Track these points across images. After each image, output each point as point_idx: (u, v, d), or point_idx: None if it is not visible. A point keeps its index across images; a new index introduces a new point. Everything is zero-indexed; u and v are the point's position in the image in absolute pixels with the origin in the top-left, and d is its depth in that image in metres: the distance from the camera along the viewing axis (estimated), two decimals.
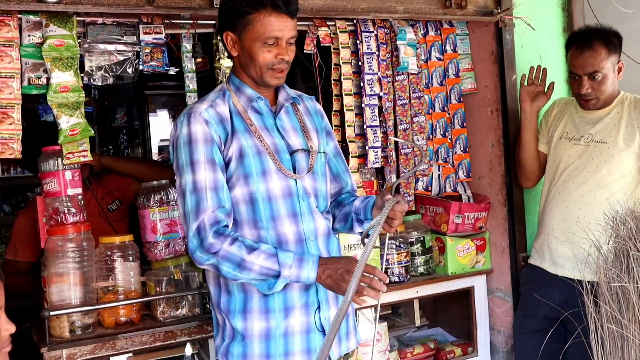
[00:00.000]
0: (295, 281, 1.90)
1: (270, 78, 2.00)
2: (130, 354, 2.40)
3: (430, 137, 3.10)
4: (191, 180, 1.92)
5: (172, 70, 2.98)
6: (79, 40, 2.40)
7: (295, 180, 2.02)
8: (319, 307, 2.02)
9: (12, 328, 1.65)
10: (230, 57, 2.10)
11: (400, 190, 3.03)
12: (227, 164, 1.97)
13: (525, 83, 2.91)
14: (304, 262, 1.88)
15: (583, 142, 2.79)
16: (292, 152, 2.05)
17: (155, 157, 5.24)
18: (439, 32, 3.08)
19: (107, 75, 2.55)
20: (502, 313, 3.15)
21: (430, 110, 3.10)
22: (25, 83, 2.33)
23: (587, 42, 2.71)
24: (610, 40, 2.70)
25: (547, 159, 2.94)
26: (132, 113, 5.81)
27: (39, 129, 4.06)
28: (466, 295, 3.18)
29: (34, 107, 5.62)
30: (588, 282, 2.41)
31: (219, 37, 2.66)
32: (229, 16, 1.98)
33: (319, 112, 2.23)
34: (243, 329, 1.98)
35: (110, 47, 2.48)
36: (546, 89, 2.91)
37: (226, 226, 1.92)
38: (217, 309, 2.05)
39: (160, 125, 5.28)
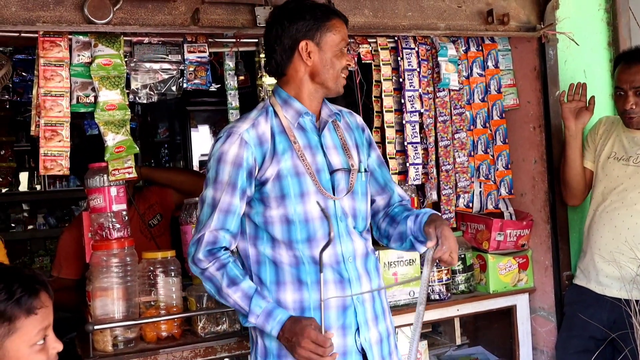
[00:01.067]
0: (261, 330, 1.94)
1: (342, 83, 2.07)
2: None
3: (472, 153, 3.07)
4: (210, 196, 1.98)
5: (214, 87, 3.03)
6: (126, 60, 2.46)
7: (334, 200, 2.01)
8: (358, 329, 2.00)
9: (59, 346, 1.69)
10: (282, 72, 2.06)
11: (441, 207, 3.01)
12: (263, 184, 1.98)
13: (566, 100, 2.86)
14: (270, 318, 1.91)
15: (632, 162, 2.75)
16: (332, 172, 2.04)
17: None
18: (480, 48, 3.06)
19: (152, 93, 2.60)
20: (546, 333, 3.09)
21: (472, 127, 3.07)
22: (74, 101, 2.39)
23: (636, 57, 2.69)
24: None
25: (592, 177, 2.89)
26: (174, 128, 5.91)
27: (86, 143, 4.15)
28: (508, 313, 3.13)
29: (80, 122, 5.76)
30: (637, 302, 2.35)
31: (262, 56, 2.71)
32: (307, 26, 2.01)
33: (360, 126, 2.23)
34: (278, 349, 1.97)
35: (156, 66, 2.53)
36: (587, 104, 2.86)
37: (224, 248, 1.97)
38: (251, 326, 2.04)
39: (201, 140, 5.35)
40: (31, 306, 1.61)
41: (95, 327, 2.36)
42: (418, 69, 2.90)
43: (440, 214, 2.11)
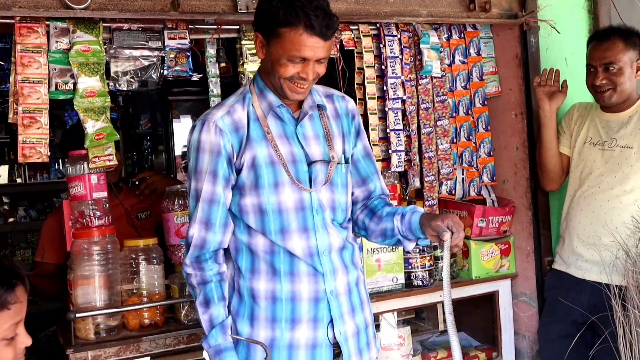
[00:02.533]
0: (208, 354, 1.96)
1: (289, 91, 1.92)
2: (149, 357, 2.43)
3: (454, 140, 3.08)
4: (193, 187, 1.97)
5: (196, 76, 3.00)
6: (105, 46, 2.43)
7: (310, 193, 1.97)
8: (331, 322, 1.99)
9: (28, 341, 1.66)
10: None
11: (424, 194, 3.02)
12: (239, 171, 1.95)
13: (539, 85, 2.90)
14: (217, 356, 1.92)
15: (608, 147, 2.78)
16: (310, 163, 1.99)
17: (178, 163, 5.27)
18: (462, 35, 3.07)
19: (132, 80, 2.58)
20: (527, 318, 3.12)
21: (454, 114, 3.08)
22: (53, 88, 2.36)
23: (606, 35, 2.75)
24: (630, 36, 2.73)
25: (569, 162, 2.92)
26: (156, 119, 5.86)
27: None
28: (490, 299, 3.15)
29: (61, 114, 5.71)
30: (616, 286, 2.38)
31: (243, 42, 2.69)
32: (262, 19, 1.90)
33: (350, 113, 2.13)
34: (249, 335, 1.97)
35: (136, 53, 2.50)
36: (560, 88, 2.90)
37: (213, 254, 1.96)
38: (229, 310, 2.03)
39: (183, 132, 5.29)
40: (5, 300, 1.58)
41: (77, 315, 2.35)
42: (400, 56, 2.90)
43: (421, 210, 2.08)
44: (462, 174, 3.13)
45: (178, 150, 5.30)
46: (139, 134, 6.23)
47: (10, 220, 6.19)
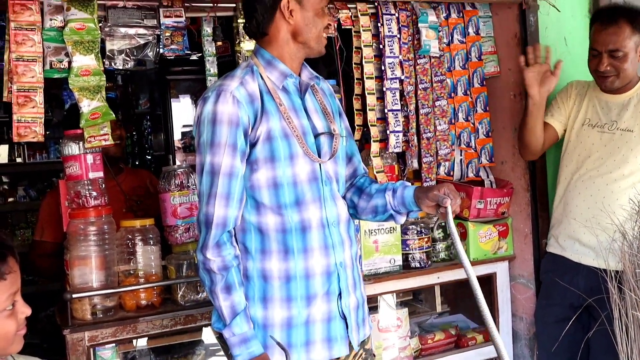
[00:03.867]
0: (229, 342, 1.90)
1: (324, 43, 2.04)
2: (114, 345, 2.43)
3: (453, 121, 3.06)
4: (209, 162, 1.88)
5: (195, 56, 2.97)
6: (100, 24, 2.41)
7: (319, 164, 1.99)
8: (339, 295, 2.00)
9: (27, 311, 1.67)
10: (264, 31, 2.00)
11: (422, 175, 3.00)
12: (253, 145, 1.92)
13: (526, 65, 2.75)
14: (244, 346, 1.88)
15: (608, 129, 2.73)
16: (316, 135, 2.01)
17: (177, 143, 5.25)
18: (461, 14, 3.04)
19: (128, 58, 2.56)
20: (525, 300, 3.12)
21: (453, 94, 3.06)
22: (47, 67, 2.34)
23: (611, 18, 2.63)
24: (636, 19, 2.63)
25: (556, 136, 2.86)
26: (155, 99, 5.83)
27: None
28: (488, 281, 3.14)
29: (59, 93, 5.69)
30: (613, 269, 2.37)
31: (240, 21, 2.66)
32: None
33: (332, 94, 2.20)
34: (263, 318, 1.94)
35: (131, 31, 2.49)
36: (552, 68, 2.77)
37: (229, 232, 1.90)
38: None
39: (182, 111, 5.27)
40: (0, 271, 1.59)
41: (74, 295, 2.35)
42: (398, 36, 2.88)
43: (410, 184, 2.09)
44: (461, 155, 3.12)
45: (177, 130, 5.28)
46: (138, 114, 6.21)
47: (10, 200, 6.19)
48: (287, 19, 1.96)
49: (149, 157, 6.18)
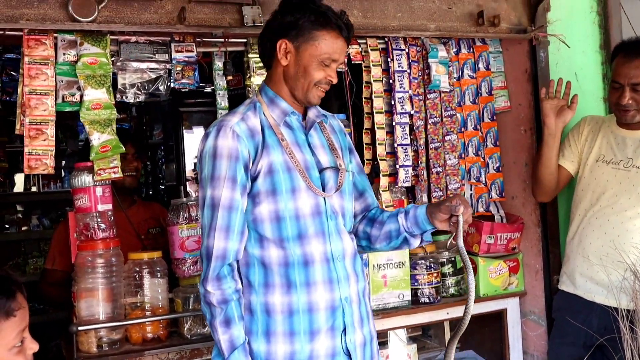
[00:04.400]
0: None
1: (313, 96, 2.01)
2: None
3: (462, 155, 3.05)
4: (209, 195, 1.91)
5: (209, 88, 2.98)
6: (113, 59, 2.44)
7: (324, 198, 1.99)
8: (344, 330, 1.98)
9: (35, 347, 1.67)
10: (267, 66, 2.07)
11: None
12: (254, 179, 1.94)
13: (546, 97, 2.78)
14: None
15: (623, 166, 2.70)
16: (321, 170, 2.02)
17: (188, 174, 5.28)
18: (471, 49, 3.05)
19: (139, 92, 2.59)
20: (536, 337, 3.07)
21: (463, 129, 3.06)
22: (60, 100, 2.37)
23: (635, 51, 2.61)
24: None
25: (569, 177, 2.85)
26: (168, 130, 5.89)
27: None
28: (498, 317, 3.11)
29: (74, 124, 5.75)
30: (624, 309, 2.33)
31: (250, 56, 2.69)
32: (292, 26, 1.96)
33: (342, 130, 2.22)
34: (266, 353, 1.93)
35: (143, 65, 2.52)
36: (569, 103, 2.78)
37: (231, 265, 1.91)
38: None
39: (194, 143, 5.31)
40: (10, 309, 1.60)
41: (80, 328, 2.35)
42: (408, 70, 2.89)
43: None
44: (471, 190, 3.10)
45: (189, 160, 5.31)
46: (152, 144, 6.25)
47: (24, 228, 6.22)
48: (280, 59, 1.99)
49: (162, 187, 6.22)
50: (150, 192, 6.40)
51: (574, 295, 2.79)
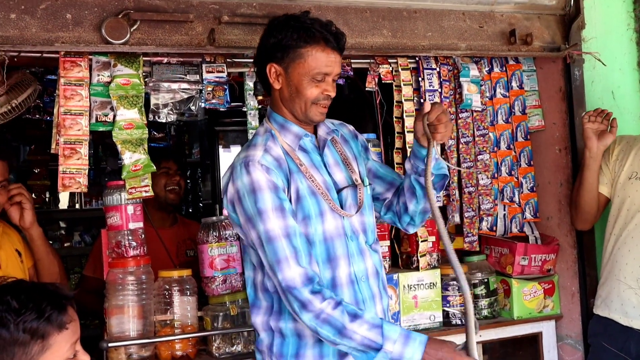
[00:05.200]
0: (397, 359, 1.77)
1: (314, 114, 1.96)
2: None
3: (495, 175, 3.01)
4: (263, 231, 1.84)
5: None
6: (146, 79, 2.49)
7: (346, 218, 1.98)
8: None
9: (87, 358, 1.71)
10: (267, 91, 2.06)
11: (464, 230, 2.95)
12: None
13: (588, 120, 2.73)
14: (410, 340, 1.77)
15: None
16: (339, 190, 2.00)
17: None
18: (504, 68, 3.02)
19: (171, 112, 2.63)
20: None
21: (495, 148, 3.02)
22: (93, 120, 2.42)
23: None
24: None
25: (606, 201, 2.79)
26: (205, 149, 5.97)
27: None
28: (534, 341, 3.03)
29: (113, 143, 5.86)
30: None
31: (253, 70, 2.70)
32: (276, 48, 1.92)
33: (353, 134, 2.18)
34: None
35: (175, 86, 2.56)
36: (610, 128, 2.73)
37: (319, 283, 1.83)
38: (268, 352, 1.98)
39: (230, 161, 5.37)
40: (62, 322, 1.63)
41: (110, 344, 2.37)
42: (439, 90, 2.87)
43: None
44: (504, 210, 3.05)
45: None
46: (191, 163, 6.34)
47: (66, 244, 6.36)
48: (273, 83, 1.96)
49: (201, 206, 6.29)
50: (190, 210, 6.48)
51: (609, 320, 2.70)
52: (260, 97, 2.75)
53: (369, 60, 2.77)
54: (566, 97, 2.96)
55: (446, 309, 2.86)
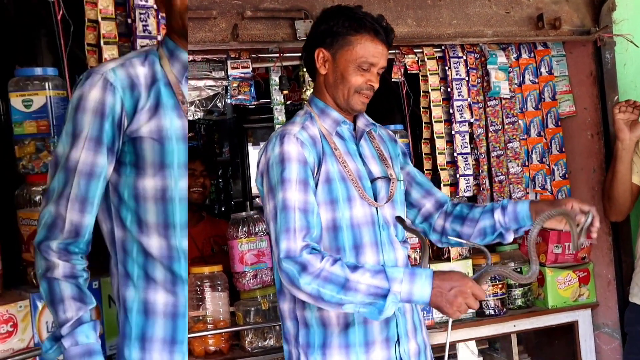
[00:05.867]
0: (407, 300, 1.74)
1: (356, 102, 1.96)
2: None
3: (526, 163, 2.97)
4: (281, 199, 1.82)
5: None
6: None
7: (376, 208, 1.98)
8: (398, 341, 1.95)
9: None
10: (312, 77, 2.07)
11: None
12: (315, 186, 1.90)
13: (619, 110, 2.68)
14: (416, 277, 1.74)
15: None
16: (373, 180, 2.00)
17: (253, 190, 5.35)
18: (532, 54, 2.96)
19: (197, 110, 2.65)
20: (611, 350, 2.93)
21: (525, 136, 2.97)
22: None
23: None
24: None
25: (639, 192, 2.72)
26: (235, 147, 5.99)
27: None
28: (570, 330, 2.99)
29: None
30: None
31: (304, 70, 2.70)
32: (326, 34, 1.95)
33: (392, 138, 2.19)
34: None
35: (200, 83, 2.57)
36: None
37: (318, 250, 1.81)
38: (295, 342, 1.98)
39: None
40: None
41: None
42: (467, 78, 2.83)
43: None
44: (536, 198, 3.00)
45: (254, 176, 5.37)
46: (222, 162, 6.37)
47: None
48: (319, 68, 1.98)
49: (233, 204, 6.31)
50: (223, 209, 6.50)
51: None
52: (286, 92, 2.75)
53: (394, 51, 2.74)
54: (597, 81, 2.91)
55: None
